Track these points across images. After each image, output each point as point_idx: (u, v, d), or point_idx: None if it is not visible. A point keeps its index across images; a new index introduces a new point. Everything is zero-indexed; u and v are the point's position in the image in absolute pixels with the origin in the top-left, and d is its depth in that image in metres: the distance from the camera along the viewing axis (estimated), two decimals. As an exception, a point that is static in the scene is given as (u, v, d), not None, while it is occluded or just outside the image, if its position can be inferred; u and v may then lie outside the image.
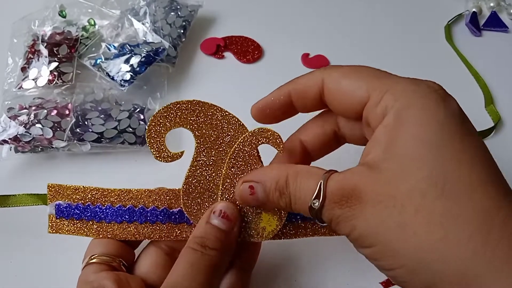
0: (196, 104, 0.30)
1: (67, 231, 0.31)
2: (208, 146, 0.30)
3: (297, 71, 0.53)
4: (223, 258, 0.29)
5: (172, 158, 0.30)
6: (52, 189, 0.31)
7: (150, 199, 0.31)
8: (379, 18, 0.60)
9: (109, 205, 0.31)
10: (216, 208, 0.30)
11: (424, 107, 0.24)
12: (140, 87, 0.48)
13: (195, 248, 0.28)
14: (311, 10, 0.60)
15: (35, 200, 0.34)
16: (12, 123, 0.41)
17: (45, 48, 0.47)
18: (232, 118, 0.31)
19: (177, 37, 0.51)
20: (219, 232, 0.29)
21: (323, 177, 0.25)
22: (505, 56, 0.57)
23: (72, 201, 0.31)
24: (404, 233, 0.22)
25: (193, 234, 0.30)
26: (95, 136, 0.42)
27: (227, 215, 0.30)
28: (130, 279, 0.29)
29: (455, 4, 0.62)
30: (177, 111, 0.30)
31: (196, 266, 0.27)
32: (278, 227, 0.30)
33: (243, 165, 0.30)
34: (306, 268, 0.38)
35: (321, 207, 0.25)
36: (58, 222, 0.31)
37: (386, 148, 0.24)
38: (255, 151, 0.30)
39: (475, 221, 0.21)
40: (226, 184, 0.30)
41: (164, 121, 0.30)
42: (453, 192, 0.22)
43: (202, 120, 0.30)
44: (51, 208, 0.31)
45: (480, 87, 0.52)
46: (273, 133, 0.30)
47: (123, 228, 0.31)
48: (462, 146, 0.23)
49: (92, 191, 0.31)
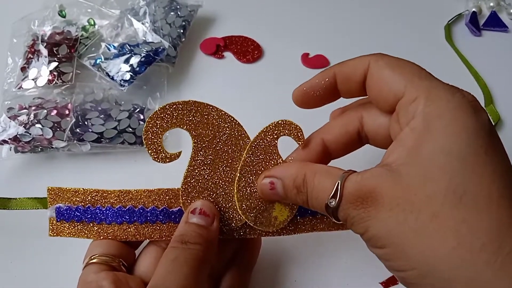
0: (192, 104, 0.30)
1: (68, 234, 0.31)
2: (205, 146, 0.31)
3: (297, 71, 0.54)
4: (205, 252, 0.29)
5: (170, 158, 0.30)
6: (52, 192, 0.31)
7: (150, 199, 0.31)
8: (379, 18, 0.60)
9: (109, 206, 0.31)
10: (193, 207, 0.30)
11: (454, 117, 0.24)
12: (140, 87, 0.48)
13: (176, 246, 0.28)
14: (311, 10, 0.60)
15: (35, 203, 0.34)
16: (12, 123, 0.41)
17: (44, 48, 0.47)
18: (228, 117, 0.31)
19: (177, 37, 0.51)
20: (198, 227, 0.29)
21: (340, 177, 0.26)
22: (505, 56, 0.57)
23: (72, 203, 0.31)
24: (418, 238, 0.22)
25: (174, 235, 0.30)
26: (95, 136, 0.42)
27: (204, 211, 0.30)
28: (129, 279, 0.29)
29: (455, 4, 0.62)
30: (173, 111, 0.30)
31: (179, 260, 0.28)
32: (289, 218, 0.31)
33: (262, 154, 0.31)
34: (306, 268, 0.38)
35: (337, 206, 0.25)
36: (59, 225, 0.31)
37: (410, 153, 0.24)
38: (275, 141, 0.31)
39: (489, 232, 0.21)
40: (243, 172, 0.31)
41: (161, 122, 0.30)
42: (471, 203, 0.22)
43: (198, 120, 0.30)
44: (52, 211, 0.31)
45: (480, 87, 0.52)
46: (296, 126, 0.31)
47: (124, 229, 0.31)
48: (486, 159, 0.23)
49: (91, 193, 0.31)
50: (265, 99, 0.50)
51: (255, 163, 0.31)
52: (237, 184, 0.31)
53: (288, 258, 0.39)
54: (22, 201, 0.34)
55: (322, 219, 0.32)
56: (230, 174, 0.31)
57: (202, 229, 0.29)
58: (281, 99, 0.50)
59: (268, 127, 0.31)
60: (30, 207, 0.34)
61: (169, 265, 0.27)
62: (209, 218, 0.30)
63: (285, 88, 0.52)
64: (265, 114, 0.48)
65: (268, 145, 0.31)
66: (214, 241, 0.30)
